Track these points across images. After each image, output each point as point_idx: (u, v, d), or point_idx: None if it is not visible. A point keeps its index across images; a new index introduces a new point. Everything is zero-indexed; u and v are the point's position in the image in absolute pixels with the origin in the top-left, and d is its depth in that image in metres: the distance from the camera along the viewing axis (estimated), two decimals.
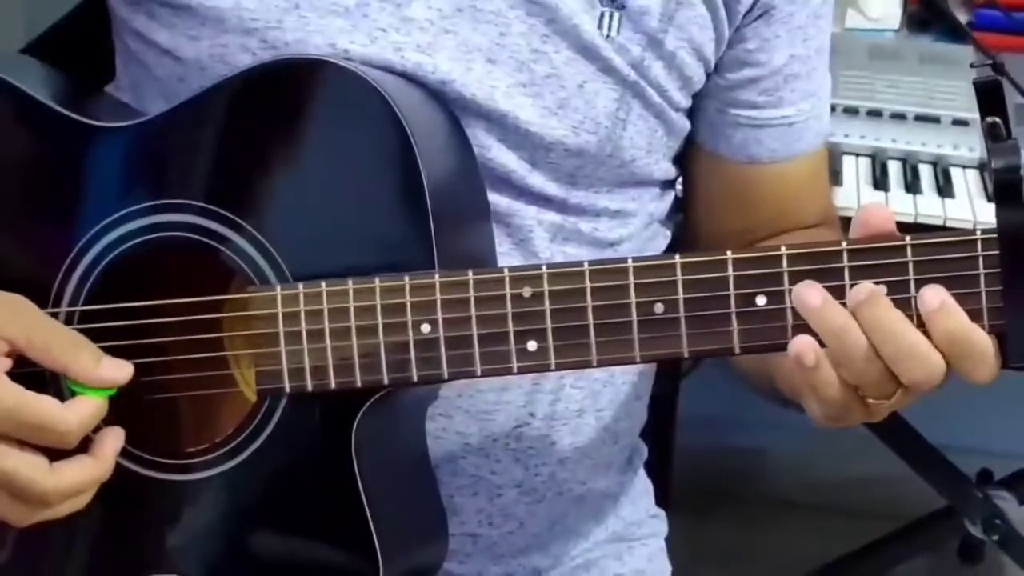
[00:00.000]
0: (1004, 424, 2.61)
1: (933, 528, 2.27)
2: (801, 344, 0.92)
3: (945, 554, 2.38)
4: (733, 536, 2.59)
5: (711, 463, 2.64)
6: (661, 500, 1.34)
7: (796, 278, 0.91)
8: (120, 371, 0.99)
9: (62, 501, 0.97)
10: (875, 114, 1.83)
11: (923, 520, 2.28)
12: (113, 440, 0.99)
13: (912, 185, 1.75)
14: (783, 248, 0.92)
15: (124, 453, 1.02)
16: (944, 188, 1.74)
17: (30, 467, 0.95)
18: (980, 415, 2.62)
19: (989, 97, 0.86)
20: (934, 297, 0.90)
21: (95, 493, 1.00)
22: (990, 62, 0.85)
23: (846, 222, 0.98)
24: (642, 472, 1.30)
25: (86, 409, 0.97)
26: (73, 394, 0.98)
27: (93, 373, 0.98)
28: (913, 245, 0.90)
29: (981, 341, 0.91)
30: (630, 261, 0.94)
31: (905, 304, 0.90)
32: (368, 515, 0.99)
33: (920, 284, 0.90)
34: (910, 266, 0.90)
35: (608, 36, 1.07)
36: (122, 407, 1.00)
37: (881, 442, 2.20)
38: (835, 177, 1.74)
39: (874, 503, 2.61)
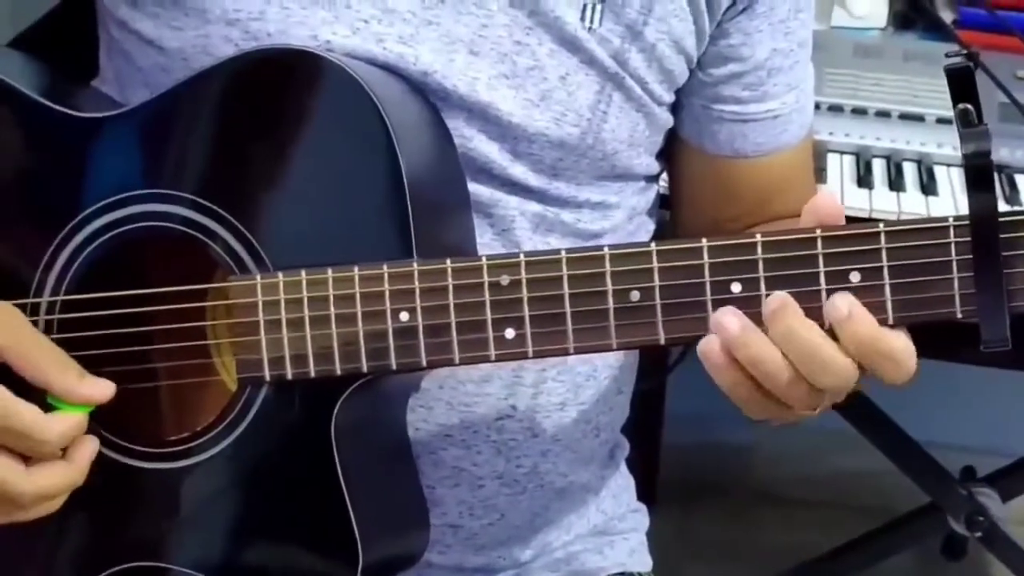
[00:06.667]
0: (988, 421, 2.61)
1: (917, 525, 2.26)
2: (705, 348, 0.92)
3: (929, 550, 2.38)
4: (719, 531, 2.59)
5: (697, 458, 2.64)
6: (647, 495, 1.34)
7: (771, 265, 0.92)
8: (100, 390, 1.00)
9: (35, 504, 0.99)
10: (860, 112, 1.83)
11: (907, 516, 2.28)
12: (88, 448, 1.00)
13: (896, 183, 1.75)
14: (758, 235, 0.92)
15: (106, 442, 1.02)
16: (928, 186, 1.75)
17: (7, 469, 0.97)
18: (964, 412, 2.63)
19: (961, 83, 0.87)
20: (843, 305, 0.91)
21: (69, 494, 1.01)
22: (964, 51, 0.86)
23: None
24: (624, 467, 1.30)
25: (69, 423, 0.98)
26: (52, 407, 0.98)
27: (74, 390, 0.99)
28: (887, 232, 0.90)
29: (891, 347, 0.91)
30: (606, 249, 0.94)
31: (879, 291, 0.91)
32: (348, 503, 0.99)
33: (894, 271, 0.90)
34: (883, 253, 0.90)
35: (591, 28, 1.08)
36: None
37: (866, 439, 2.20)
38: (819, 175, 1.74)
39: (859, 499, 2.62)
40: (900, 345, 0.91)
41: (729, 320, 0.91)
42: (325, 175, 1.00)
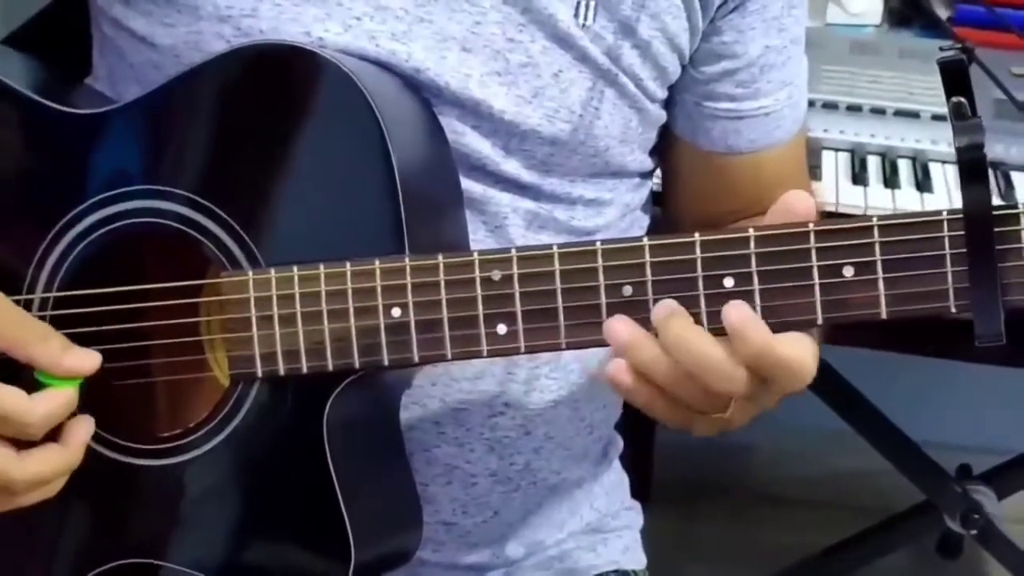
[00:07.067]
0: (983, 419, 2.62)
1: (912, 523, 2.27)
2: (614, 370, 0.92)
3: (924, 549, 2.38)
4: (714, 530, 2.59)
5: (692, 457, 2.64)
6: (641, 493, 1.34)
7: (763, 259, 0.91)
8: (87, 360, 0.98)
9: (29, 490, 0.97)
10: (855, 109, 1.83)
11: (902, 515, 2.28)
12: (83, 429, 0.99)
13: (891, 180, 1.75)
14: (751, 230, 0.92)
15: (98, 438, 1.02)
16: (923, 183, 1.75)
17: None
18: (960, 411, 2.63)
19: (954, 76, 0.86)
20: (733, 315, 0.90)
21: (67, 479, 1.00)
22: (959, 46, 0.86)
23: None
24: (617, 464, 1.30)
25: (52, 402, 0.96)
26: (41, 384, 0.97)
27: (59, 362, 0.97)
28: (880, 226, 0.90)
29: (782, 355, 0.91)
30: (599, 244, 0.94)
31: (873, 285, 0.90)
32: (340, 499, 0.99)
33: (887, 265, 0.90)
34: (877, 247, 0.90)
35: (584, 24, 1.08)
36: (95, 392, 1.00)
37: (861, 437, 2.20)
38: (814, 172, 1.74)
39: (854, 498, 2.62)
40: (793, 353, 0.91)
41: (619, 328, 0.92)
42: (317, 171, 1.00)
